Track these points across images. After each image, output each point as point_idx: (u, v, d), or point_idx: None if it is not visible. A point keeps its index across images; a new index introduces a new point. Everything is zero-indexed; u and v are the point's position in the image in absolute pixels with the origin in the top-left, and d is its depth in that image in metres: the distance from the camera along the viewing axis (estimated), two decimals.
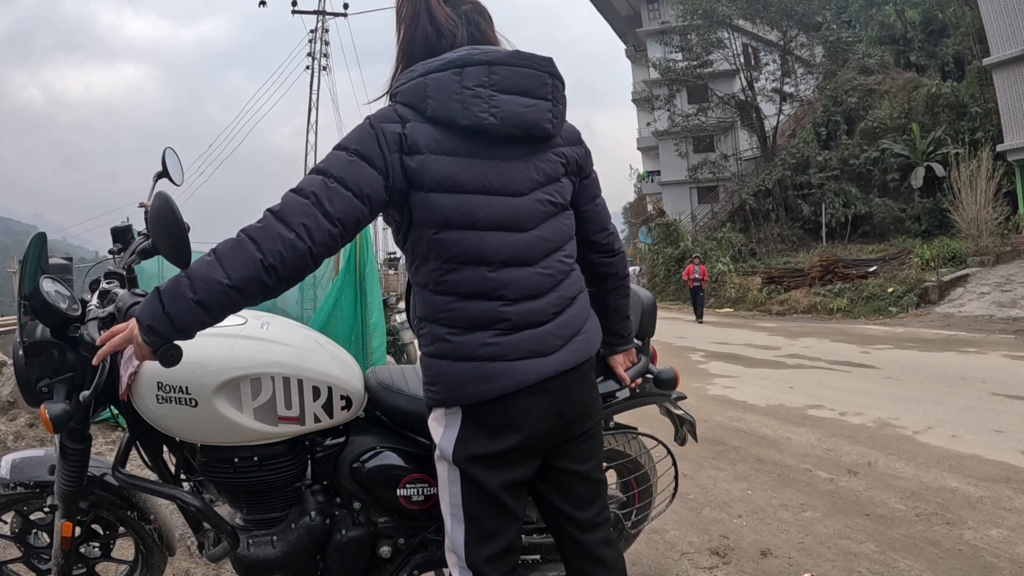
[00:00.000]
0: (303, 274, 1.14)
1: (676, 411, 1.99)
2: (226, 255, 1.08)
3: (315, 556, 1.54)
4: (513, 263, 1.20)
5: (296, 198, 1.12)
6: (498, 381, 1.17)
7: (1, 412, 4.19)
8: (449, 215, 1.16)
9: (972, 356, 6.96)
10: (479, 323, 1.18)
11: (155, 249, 1.43)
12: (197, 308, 1.07)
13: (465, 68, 1.17)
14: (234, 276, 1.06)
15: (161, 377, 1.36)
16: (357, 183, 1.13)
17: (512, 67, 1.19)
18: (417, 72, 1.19)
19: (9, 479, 1.59)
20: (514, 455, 1.21)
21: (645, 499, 2.03)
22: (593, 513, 1.34)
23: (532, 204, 1.22)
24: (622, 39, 34.98)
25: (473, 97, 1.16)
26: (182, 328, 1.08)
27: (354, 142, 1.15)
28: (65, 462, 1.46)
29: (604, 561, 1.34)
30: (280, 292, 1.14)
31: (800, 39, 23.91)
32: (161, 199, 1.13)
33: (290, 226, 1.09)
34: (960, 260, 14.03)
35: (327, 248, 1.13)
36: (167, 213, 1.10)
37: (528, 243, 1.22)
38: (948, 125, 19.08)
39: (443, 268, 1.18)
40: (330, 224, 1.11)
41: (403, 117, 1.17)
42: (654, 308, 1.91)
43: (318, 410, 1.46)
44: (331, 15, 23.17)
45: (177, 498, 1.50)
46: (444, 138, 1.17)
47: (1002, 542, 2.46)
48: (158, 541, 1.75)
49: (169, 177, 1.63)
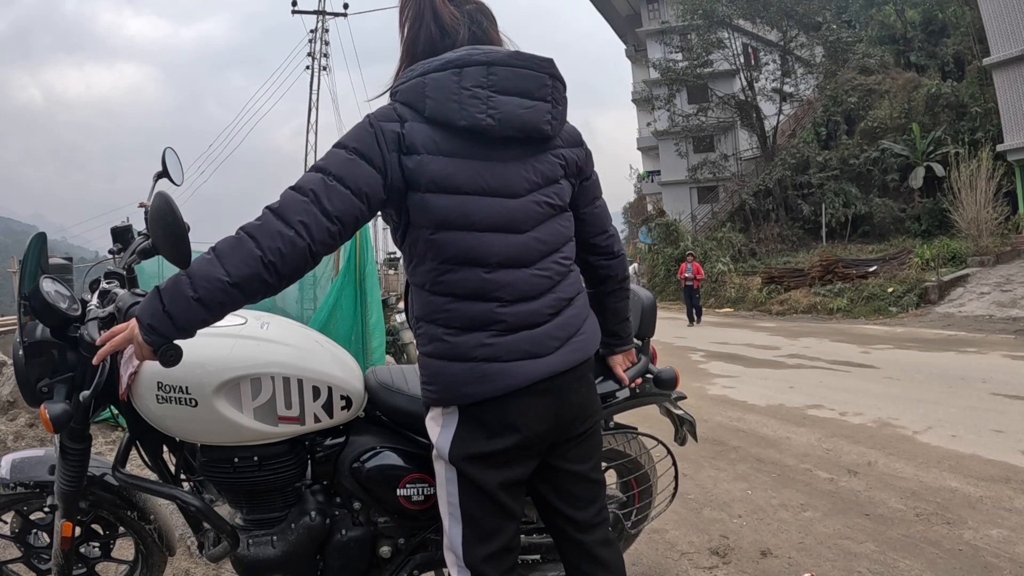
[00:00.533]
0: (303, 271, 1.14)
1: (676, 411, 1.99)
2: (226, 253, 1.08)
3: (315, 556, 1.54)
4: (509, 264, 1.20)
5: (295, 196, 1.12)
6: (495, 382, 1.17)
7: (1, 412, 4.19)
8: (446, 216, 1.16)
9: (972, 356, 6.96)
10: (476, 324, 1.18)
11: (155, 249, 1.43)
12: (198, 306, 1.07)
13: (464, 68, 1.16)
14: (234, 273, 1.07)
15: (161, 377, 1.36)
16: (356, 182, 1.13)
17: (511, 68, 1.19)
18: (416, 72, 1.19)
19: (9, 479, 1.59)
20: (511, 455, 1.21)
21: (645, 499, 2.03)
22: (592, 513, 1.34)
23: (529, 206, 1.22)
24: (622, 39, 34.98)
25: (471, 98, 1.15)
26: (183, 327, 1.08)
27: (353, 140, 1.16)
28: (65, 462, 1.45)
29: (603, 561, 1.34)
30: (280, 289, 1.14)
31: (800, 39, 23.90)
32: (161, 199, 1.13)
33: (289, 223, 1.09)
34: (960, 260, 14.03)
35: (326, 246, 1.13)
36: (167, 213, 1.10)
37: (525, 244, 1.21)
38: (948, 125, 19.08)
39: (440, 269, 1.18)
40: (329, 222, 1.11)
41: (402, 116, 1.17)
42: (654, 308, 1.91)
43: (318, 410, 1.46)
44: (331, 15, 23.17)
45: (177, 498, 1.50)
46: (442, 139, 1.16)
47: (1002, 542, 2.46)
48: (158, 541, 1.75)
49: (169, 177, 1.64)
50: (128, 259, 1.55)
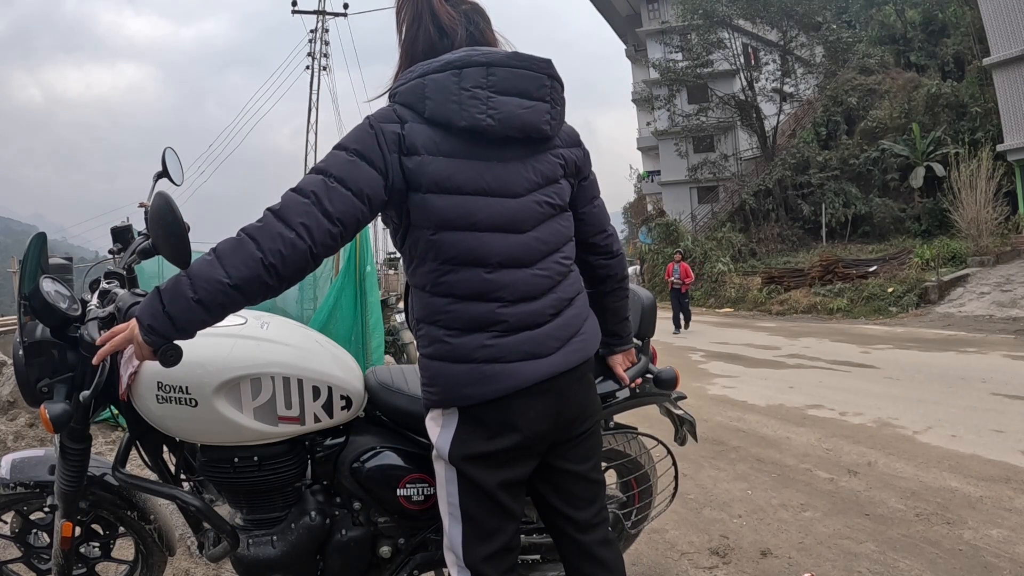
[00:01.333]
0: (304, 273, 1.14)
1: (676, 411, 1.99)
2: (226, 254, 1.08)
3: (315, 556, 1.54)
4: (510, 264, 1.20)
5: (296, 197, 1.12)
6: (496, 383, 1.17)
7: (1, 412, 4.19)
8: (446, 216, 1.16)
9: (972, 356, 6.96)
10: (477, 325, 1.18)
11: (155, 249, 1.43)
12: (198, 308, 1.07)
13: (463, 69, 1.16)
14: (235, 275, 1.06)
15: (161, 377, 1.36)
16: (357, 183, 1.13)
17: (510, 68, 1.19)
18: (416, 73, 1.19)
19: (9, 479, 1.59)
20: (511, 455, 1.21)
21: (645, 499, 2.03)
22: (592, 513, 1.34)
23: (530, 205, 1.22)
24: (622, 39, 34.97)
25: (471, 99, 1.16)
26: (182, 327, 1.08)
27: (354, 142, 1.15)
28: (65, 462, 1.46)
29: (603, 561, 1.34)
30: (281, 291, 1.13)
31: (800, 39, 23.90)
32: (161, 199, 1.12)
33: (290, 225, 1.09)
34: (960, 260, 14.02)
35: (327, 248, 1.13)
36: (167, 213, 1.10)
37: (526, 244, 1.22)
38: (948, 125, 19.07)
39: (441, 269, 1.18)
40: (330, 224, 1.11)
41: (402, 117, 1.17)
42: (654, 308, 1.92)
43: (318, 410, 1.46)
44: (331, 15, 23.19)
45: (177, 498, 1.51)
46: (442, 139, 1.16)
47: (1002, 542, 2.46)
48: (158, 541, 1.75)
49: (169, 177, 1.64)
50: (128, 259, 1.55)
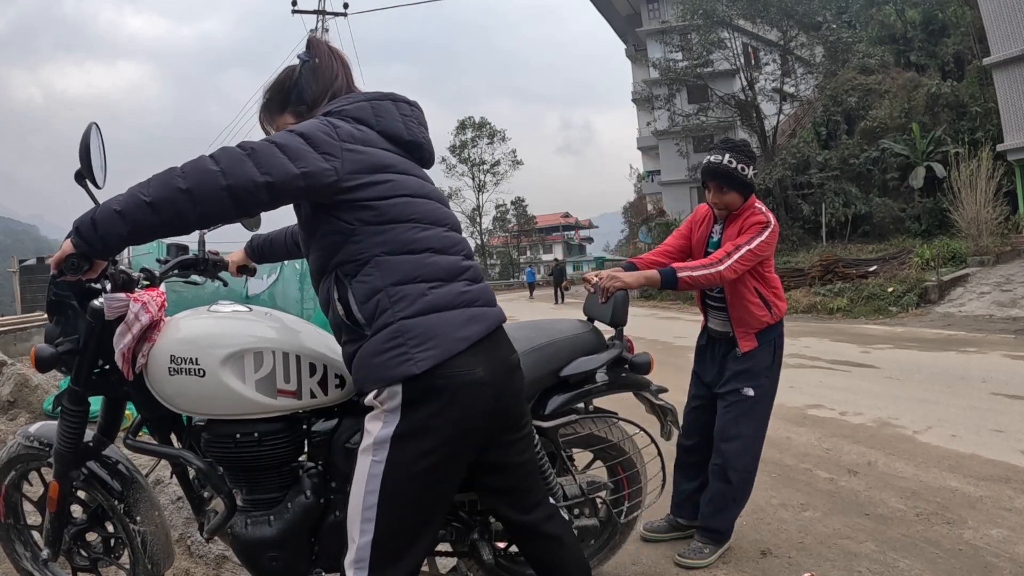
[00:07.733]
0: (221, 212, 1.21)
1: (656, 402, 2.04)
2: (153, 179, 1.21)
3: (310, 537, 1.60)
4: (457, 229, 1.45)
5: (233, 148, 1.22)
6: (482, 321, 1.33)
7: (1, 412, 4.20)
8: (410, 184, 1.36)
9: (972, 356, 6.95)
10: (453, 273, 1.34)
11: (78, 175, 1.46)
12: (116, 217, 1.18)
13: (393, 101, 1.43)
14: (153, 194, 1.18)
15: (174, 350, 1.48)
16: (303, 158, 1.22)
17: (409, 105, 1.46)
18: (359, 97, 1.39)
19: (33, 436, 1.79)
20: (456, 432, 1.28)
21: (634, 484, 2.05)
22: (533, 492, 1.46)
23: (452, 214, 1.48)
24: (622, 39, 34.99)
25: (409, 120, 1.42)
26: (102, 235, 1.19)
27: (306, 129, 1.27)
28: (64, 422, 1.61)
29: (552, 535, 1.46)
30: (196, 225, 1.22)
31: (800, 39, 23.85)
32: (90, 134, 1.39)
33: (216, 161, 1.20)
34: (960, 260, 14.01)
35: (248, 192, 1.19)
36: (84, 150, 1.34)
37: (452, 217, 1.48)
38: (948, 125, 19.04)
39: (417, 227, 1.33)
40: (257, 172, 1.19)
41: (356, 120, 1.34)
42: (626, 298, 2.06)
43: (314, 386, 1.55)
44: (331, 15, 23.20)
45: (183, 458, 1.61)
46: (391, 147, 1.37)
47: (1002, 542, 2.46)
48: (140, 547, 1.73)
49: (92, 178, 1.43)
50: (166, 268, 1.75)
